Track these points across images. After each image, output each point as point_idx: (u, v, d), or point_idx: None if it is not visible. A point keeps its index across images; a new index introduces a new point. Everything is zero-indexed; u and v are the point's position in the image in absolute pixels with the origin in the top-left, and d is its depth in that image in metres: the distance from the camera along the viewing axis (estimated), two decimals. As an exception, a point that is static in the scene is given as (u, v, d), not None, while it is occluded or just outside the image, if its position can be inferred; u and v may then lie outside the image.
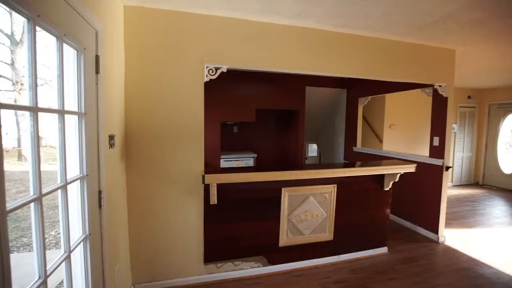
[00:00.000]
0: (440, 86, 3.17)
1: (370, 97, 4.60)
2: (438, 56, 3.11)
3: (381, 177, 2.80)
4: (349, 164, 2.64)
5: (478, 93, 6.52)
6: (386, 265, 2.76)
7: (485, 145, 6.52)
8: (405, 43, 2.93)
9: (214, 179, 2.10)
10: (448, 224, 3.85)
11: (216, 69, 2.30)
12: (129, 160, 2.15)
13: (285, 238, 2.57)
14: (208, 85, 3.76)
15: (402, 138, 5.23)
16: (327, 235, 2.69)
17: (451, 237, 3.43)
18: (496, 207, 4.85)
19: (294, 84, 4.50)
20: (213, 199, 2.21)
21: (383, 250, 3.00)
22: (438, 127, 3.32)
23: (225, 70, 2.32)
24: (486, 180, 6.54)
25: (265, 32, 2.42)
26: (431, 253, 3.04)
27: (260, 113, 4.90)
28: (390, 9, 2.15)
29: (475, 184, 6.58)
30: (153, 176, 2.22)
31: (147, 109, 2.17)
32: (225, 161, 4.37)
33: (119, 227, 1.98)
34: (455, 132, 6.32)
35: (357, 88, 4.81)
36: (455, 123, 6.30)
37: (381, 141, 5.18)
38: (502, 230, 3.75)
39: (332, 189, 2.62)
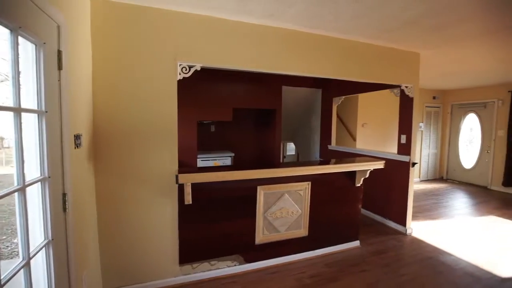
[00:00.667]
0: (406, 87, 3.36)
1: (343, 97, 4.76)
2: (404, 59, 3.29)
3: (352, 174, 2.92)
4: (322, 162, 2.72)
5: (442, 94, 6.98)
6: (358, 258, 2.89)
7: (448, 143, 7.00)
8: (374, 46, 3.07)
9: (188, 179, 2.08)
10: (415, 217, 4.10)
11: (190, 67, 2.28)
12: (98, 161, 2.06)
13: (261, 236, 2.59)
14: (184, 84, 3.69)
15: (373, 136, 5.48)
16: (302, 231, 2.76)
17: (418, 229, 3.65)
18: (458, 200, 5.23)
19: (271, 83, 4.54)
20: (188, 199, 2.18)
21: (356, 243, 3.13)
22: (405, 126, 3.52)
23: (198, 69, 2.30)
24: (449, 175, 7.02)
25: (239, 31, 2.42)
26: (399, 244, 3.22)
27: (237, 112, 4.90)
28: (358, 13, 2.25)
29: (440, 179, 7.05)
30: (124, 176, 2.14)
31: (118, 108, 2.09)
32: (202, 160, 4.33)
33: (88, 230, 1.89)
34: (421, 131, 6.73)
35: (331, 88, 4.96)
36: (422, 122, 6.71)
37: (354, 139, 5.39)
38: (462, 221, 4.06)
39: (306, 186, 2.69)
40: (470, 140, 6.80)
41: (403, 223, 3.54)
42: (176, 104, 2.27)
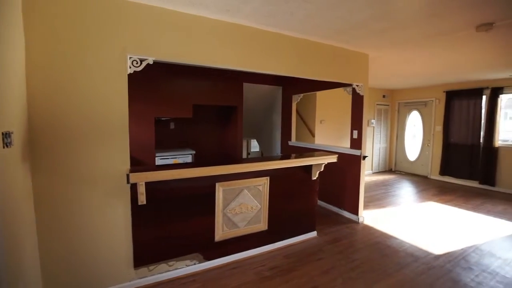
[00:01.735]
0: (357, 85, 3.60)
1: (302, 94, 4.93)
2: (355, 59, 3.52)
3: (309, 168, 3.05)
4: (279, 157, 2.80)
5: (390, 93, 7.62)
6: (315, 247, 3.04)
7: (396, 137, 7.68)
8: (328, 45, 3.23)
9: (141, 178, 1.98)
10: (367, 206, 4.44)
11: (141, 60, 2.16)
12: (36, 161, 1.86)
13: (221, 233, 2.59)
14: (140, 79, 3.52)
15: (331, 132, 5.78)
16: (262, 226, 2.82)
17: (369, 217, 3.96)
18: (403, 189, 5.78)
19: (232, 80, 4.53)
20: (142, 199, 2.09)
21: (313, 234, 3.29)
22: (357, 122, 3.77)
23: (151, 62, 2.20)
24: (397, 167, 7.72)
25: (195, 25, 2.37)
26: (352, 232, 3.46)
27: (198, 109, 4.80)
28: (311, 13, 2.34)
29: (389, 171, 7.71)
30: (68, 177, 1.97)
31: (59, 103, 1.90)
32: (160, 159, 4.16)
33: (23, 237, 1.70)
34: (373, 127, 7.27)
35: (290, 86, 5.11)
36: (374, 119, 7.25)
37: (313, 135, 5.63)
38: (406, 207, 4.50)
39: (265, 181, 2.75)
40: (413, 135, 7.54)
41: (356, 212, 3.81)
42: (127, 99, 2.14)
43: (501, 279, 2.47)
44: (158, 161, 4.15)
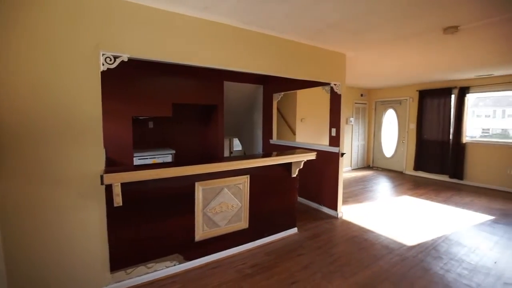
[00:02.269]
0: (335, 84, 3.69)
1: (283, 93, 4.98)
2: (333, 59, 3.60)
3: (289, 166, 3.09)
4: (258, 156, 2.82)
5: (368, 92, 7.88)
6: (296, 243, 3.09)
7: (374, 135, 7.96)
8: (307, 45, 3.28)
9: (116, 179, 1.92)
10: (346, 202, 4.57)
11: (115, 57, 2.09)
12: (1, 164, 1.75)
13: (201, 232, 2.57)
14: (116, 76, 3.42)
15: (311, 130, 5.89)
16: (243, 224, 2.83)
17: (347, 212, 4.08)
18: (380, 184, 6.01)
19: (212, 78, 4.49)
20: (117, 201, 2.03)
21: (294, 230, 3.35)
22: (335, 120, 3.87)
23: (126, 60, 2.13)
24: (375, 163, 8.01)
25: (172, 22, 2.32)
26: (331, 227, 3.56)
27: (178, 108, 4.71)
28: (289, 13, 2.37)
29: (367, 167, 7.98)
30: (39, 179, 1.87)
31: (26, 99, 1.80)
32: (139, 159, 4.05)
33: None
34: (352, 125, 7.49)
35: (271, 85, 5.15)
36: (352, 117, 7.47)
37: (294, 133, 5.71)
38: (383, 202, 4.68)
39: (245, 179, 2.76)
40: (390, 132, 7.84)
41: (335, 208, 3.91)
42: (100, 97, 2.06)
43: (467, 265, 2.64)
44: (137, 161, 4.04)
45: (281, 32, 2.87)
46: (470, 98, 5.92)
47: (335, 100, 3.85)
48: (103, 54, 2.04)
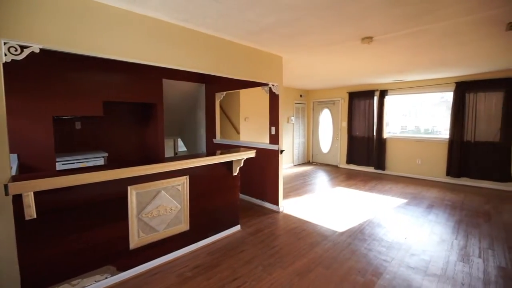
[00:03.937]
0: (273, 85, 3.86)
1: (225, 92, 4.99)
2: (270, 60, 3.76)
3: (229, 164, 3.12)
4: (198, 155, 2.78)
5: (306, 93, 8.44)
6: (239, 240, 3.14)
7: (312, 132, 8.58)
8: (245, 46, 3.35)
9: (26, 188, 1.67)
10: (287, 196, 4.83)
11: (22, 47, 1.81)
12: None
13: (137, 239, 2.41)
14: (33, 70, 2.98)
15: (255, 129, 6.04)
16: (183, 226, 2.75)
17: (288, 206, 4.32)
18: (319, 178, 6.51)
19: (150, 75, 4.24)
20: (30, 213, 1.76)
21: (237, 228, 3.40)
22: (274, 119, 4.05)
23: (37, 50, 1.86)
24: (314, 159, 8.64)
25: (97, 12, 2.11)
26: (273, 222, 3.72)
27: (110, 106, 4.33)
28: (223, 12, 2.38)
29: (307, 163, 8.56)
30: None
31: None
32: (63, 164, 3.58)
33: None
34: (293, 123, 7.94)
35: (213, 84, 5.11)
36: (293, 116, 7.91)
37: (238, 132, 5.78)
38: (320, 194, 5.09)
39: (184, 180, 2.68)
40: (326, 130, 8.55)
41: (277, 203, 4.10)
42: (3, 93, 1.77)
43: (385, 244, 3.07)
44: (61, 167, 3.57)
45: (217, 31, 2.87)
46: (388, 100, 6.85)
47: (273, 100, 4.02)
48: (5, 43, 1.75)
